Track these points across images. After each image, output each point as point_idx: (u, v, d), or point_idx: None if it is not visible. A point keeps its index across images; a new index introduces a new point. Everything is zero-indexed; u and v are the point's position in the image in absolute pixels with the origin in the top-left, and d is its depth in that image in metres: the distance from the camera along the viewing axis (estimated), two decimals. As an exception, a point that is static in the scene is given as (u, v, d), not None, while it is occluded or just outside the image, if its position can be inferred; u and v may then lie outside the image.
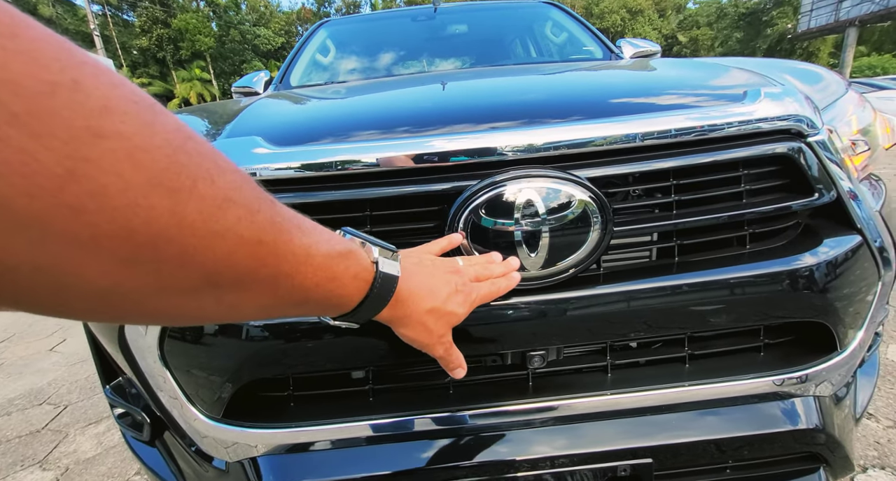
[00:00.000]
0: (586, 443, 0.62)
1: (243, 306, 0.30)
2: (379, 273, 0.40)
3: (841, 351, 0.64)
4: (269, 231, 0.28)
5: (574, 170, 0.56)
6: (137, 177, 0.20)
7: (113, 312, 0.26)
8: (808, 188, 0.60)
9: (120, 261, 0.22)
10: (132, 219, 0.21)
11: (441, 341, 0.49)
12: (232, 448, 0.65)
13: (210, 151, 0.25)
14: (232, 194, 0.25)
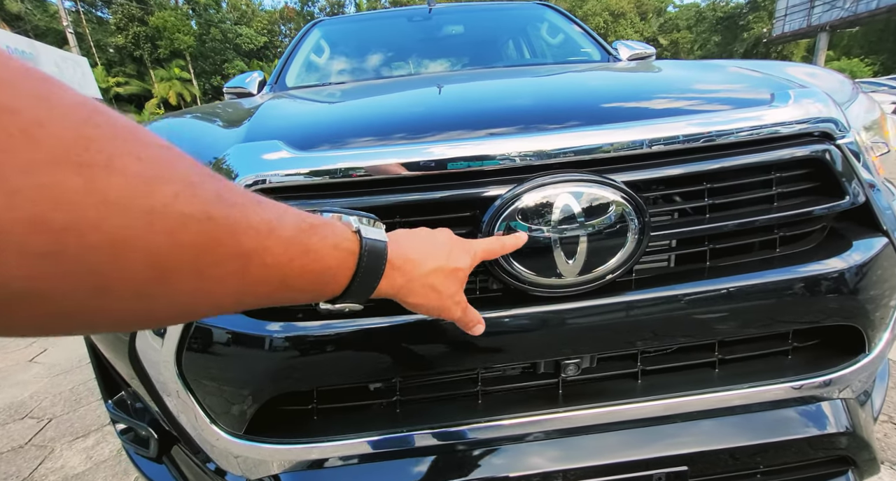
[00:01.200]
0: (620, 453, 0.61)
1: (214, 294, 0.28)
2: (364, 240, 0.37)
3: (869, 352, 0.64)
4: (216, 205, 0.26)
5: (609, 174, 0.55)
6: (36, 154, 0.18)
7: (47, 322, 0.22)
8: (840, 190, 0.60)
9: (37, 255, 0.19)
10: (39, 202, 0.18)
11: (455, 300, 0.46)
12: (253, 465, 0.62)
13: (126, 125, 0.23)
14: (162, 169, 0.23)
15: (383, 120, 0.72)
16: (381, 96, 0.97)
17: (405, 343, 0.57)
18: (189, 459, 0.72)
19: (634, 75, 0.98)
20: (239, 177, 0.57)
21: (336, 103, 0.97)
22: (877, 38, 33.53)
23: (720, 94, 0.70)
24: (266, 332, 0.56)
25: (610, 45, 2.01)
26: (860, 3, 25.33)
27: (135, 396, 0.81)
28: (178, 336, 0.58)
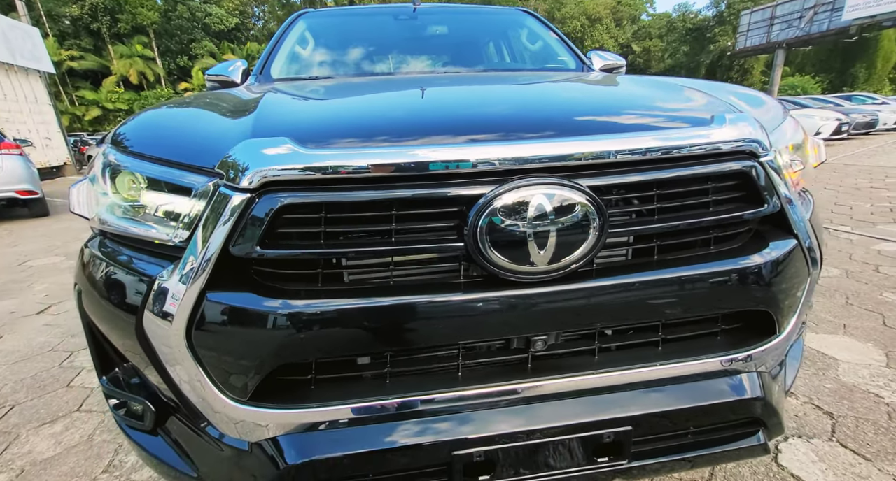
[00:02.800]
0: (577, 416, 0.71)
1: None
2: None
3: (779, 334, 0.78)
4: None
5: (577, 179, 0.65)
6: None
7: None
8: (761, 199, 0.72)
9: None
10: None
11: None
12: (253, 429, 0.68)
13: None
14: None
15: (382, 122, 0.79)
16: (377, 97, 1.04)
17: (395, 320, 0.65)
18: (186, 428, 0.78)
19: (603, 90, 1.10)
20: (249, 170, 0.63)
21: (334, 102, 1.02)
22: (826, 58, 36.00)
23: (671, 113, 0.81)
24: (271, 309, 0.63)
25: (585, 54, 2.14)
26: (813, 23, 27.10)
27: (131, 372, 0.86)
28: (189, 313, 0.64)
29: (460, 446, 0.68)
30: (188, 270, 0.65)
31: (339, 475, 0.68)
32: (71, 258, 4.17)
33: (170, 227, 0.72)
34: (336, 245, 0.65)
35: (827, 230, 3.92)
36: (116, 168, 0.82)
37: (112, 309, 0.75)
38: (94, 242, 0.86)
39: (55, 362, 2.19)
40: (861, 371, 1.82)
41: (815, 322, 2.25)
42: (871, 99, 16.52)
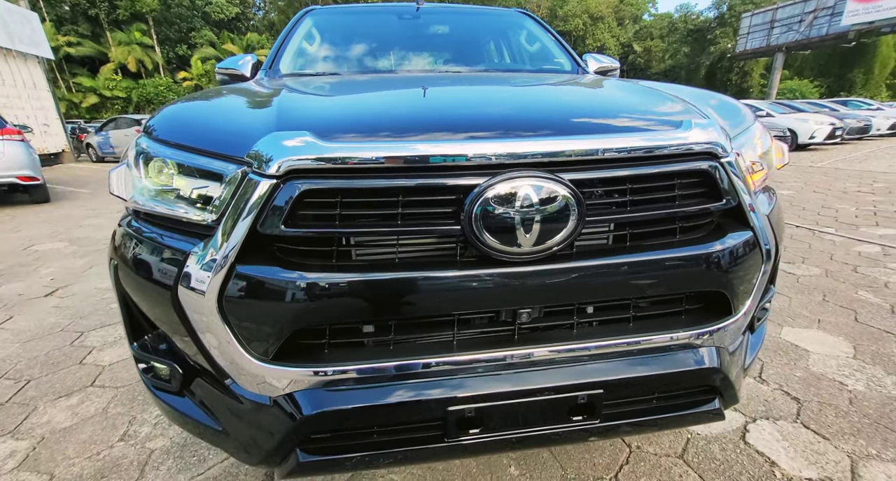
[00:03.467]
0: (556, 380, 0.82)
1: None
2: None
3: (734, 315, 0.89)
4: None
5: (559, 173, 0.75)
6: None
7: None
8: (720, 195, 0.83)
9: None
10: None
11: None
12: (274, 386, 0.79)
13: None
14: None
15: (390, 119, 0.89)
16: (385, 95, 1.13)
17: (399, 292, 0.75)
18: (211, 387, 0.88)
19: (589, 93, 1.20)
20: (275, 159, 0.73)
21: (346, 98, 1.12)
22: (825, 62, 36.20)
23: (646, 117, 0.92)
24: (292, 280, 0.73)
25: (582, 56, 2.24)
26: (813, 28, 27.24)
27: (160, 339, 0.95)
28: (220, 283, 0.74)
29: (454, 403, 0.78)
30: (220, 246, 0.75)
31: (347, 425, 0.79)
32: (74, 244, 4.24)
33: (201, 208, 0.82)
34: (349, 225, 0.75)
35: (811, 231, 4.05)
36: (149, 155, 0.91)
37: (148, 281, 0.85)
38: (129, 221, 0.95)
39: (66, 341, 2.28)
40: (829, 362, 1.94)
41: (791, 317, 2.37)
42: (866, 104, 16.70)
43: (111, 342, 2.27)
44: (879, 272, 2.99)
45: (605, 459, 1.44)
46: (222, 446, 0.91)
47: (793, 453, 1.43)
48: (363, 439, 0.82)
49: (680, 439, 1.51)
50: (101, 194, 7.55)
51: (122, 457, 1.47)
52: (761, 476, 1.34)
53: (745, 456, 1.42)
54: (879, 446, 1.44)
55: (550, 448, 1.48)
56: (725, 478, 1.34)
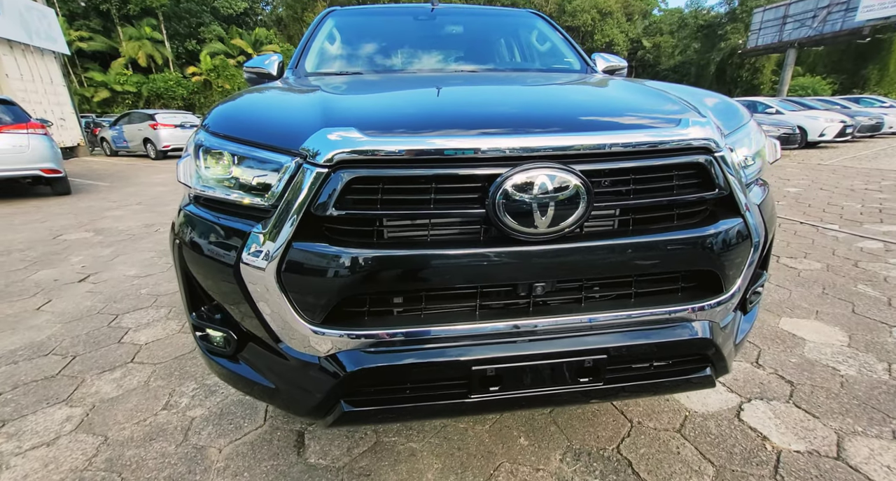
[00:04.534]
0: (566, 346, 0.94)
1: None
2: None
3: (725, 293, 1.00)
4: None
5: (571, 165, 0.87)
6: None
7: None
8: (713, 185, 0.94)
9: None
10: None
11: None
12: (321, 347, 0.91)
13: None
14: None
15: (423, 116, 1.01)
16: (416, 93, 1.25)
17: (430, 267, 0.87)
18: (264, 351, 1.01)
19: (598, 93, 1.31)
20: (327, 151, 0.85)
21: (382, 96, 1.24)
22: (838, 59, 35.59)
23: (649, 115, 1.03)
24: (341, 254, 0.85)
25: (590, 55, 2.33)
26: (826, 23, 26.81)
27: (217, 309, 1.09)
28: (279, 257, 0.87)
29: (477, 364, 0.91)
30: (279, 226, 0.87)
31: (385, 381, 0.91)
32: (100, 234, 4.42)
33: (258, 194, 0.94)
34: (389, 208, 0.87)
35: (815, 228, 4.12)
36: (208, 148, 1.04)
37: (211, 258, 0.98)
38: (191, 206, 1.08)
39: (104, 323, 2.44)
40: (824, 349, 2.04)
41: (789, 308, 2.47)
42: (878, 102, 16.48)
43: (145, 324, 2.42)
44: (880, 267, 3.06)
45: (608, 432, 1.56)
46: (273, 401, 1.04)
47: (784, 429, 1.54)
48: (399, 394, 0.94)
49: (678, 415, 1.63)
50: (119, 187, 7.76)
51: (166, 424, 1.62)
52: (753, 448, 1.45)
53: (738, 432, 1.53)
54: (865, 424, 1.55)
55: (557, 417, 1.60)
56: (720, 450, 1.45)
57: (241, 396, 1.77)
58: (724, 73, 40.20)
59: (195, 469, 1.40)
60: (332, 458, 1.45)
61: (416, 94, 1.21)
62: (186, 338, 2.26)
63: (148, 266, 3.42)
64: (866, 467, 1.35)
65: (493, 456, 1.46)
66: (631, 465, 1.40)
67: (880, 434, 1.49)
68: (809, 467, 1.36)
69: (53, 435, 1.56)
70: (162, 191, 7.30)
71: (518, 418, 1.63)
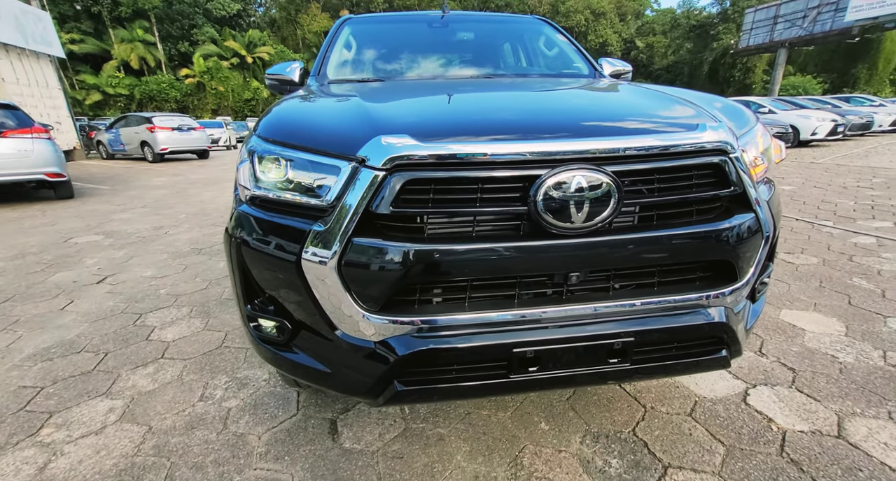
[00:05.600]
0: (599, 330, 1.04)
1: None
2: None
3: (739, 281, 1.10)
4: None
5: (603, 166, 0.96)
6: None
7: None
8: (728, 184, 1.04)
9: None
10: None
11: None
12: (376, 332, 1.00)
13: None
14: None
15: (466, 123, 1.11)
16: (450, 100, 1.33)
17: (477, 259, 0.96)
18: (319, 338, 1.09)
19: (621, 99, 1.42)
20: (384, 156, 0.94)
21: (419, 103, 1.34)
22: (829, 58, 36.11)
23: (670, 120, 1.13)
24: (397, 248, 0.94)
25: (597, 60, 2.44)
26: (817, 23, 27.21)
27: (270, 301, 1.17)
28: (340, 252, 0.96)
29: (518, 347, 1.00)
30: (339, 223, 0.96)
31: (434, 362, 1.00)
32: (110, 237, 4.48)
33: (316, 195, 1.03)
34: (440, 206, 0.96)
35: (810, 224, 4.25)
36: (262, 154, 1.13)
37: (272, 254, 1.07)
38: (246, 207, 1.17)
39: (129, 321, 2.51)
40: (823, 339, 2.16)
41: (789, 301, 2.59)
42: (868, 100, 16.80)
43: (169, 322, 2.50)
44: (873, 261, 3.19)
45: (624, 417, 1.66)
46: (327, 383, 1.13)
47: (787, 412, 1.64)
48: (446, 375, 1.03)
49: (688, 401, 1.73)
50: (121, 190, 7.79)
51: (205, 414, 1.70)
52: (759, 429, 1.56)
53: (745, 414, 1.64)
54: (864, 406, 1.66)
55: (575, 404, 1.70)
56: (729, 431, 1.56)
57: (273, 387, 1.86)
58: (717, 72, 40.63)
59: (238, 453, 1.49)
60: (366, 443, 1.54)
61: (452, 101, 1.31)
62: (212, 335, 2.34)
63: (163, 267, 3.49)
64: (865, 444, 1.46)
65: (517, 440, 1.55)
66: (647, 446, 1.50)
67: (877, 414, 1.61)
68: (813, 445, 1.47)
69: (100, 424, 1.64)
70: (164, 194, 7.34)
71: (537, 405, 1.73)
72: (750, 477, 1.34)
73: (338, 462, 1.45)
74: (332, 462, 1.45)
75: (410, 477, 1.39)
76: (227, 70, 42.05)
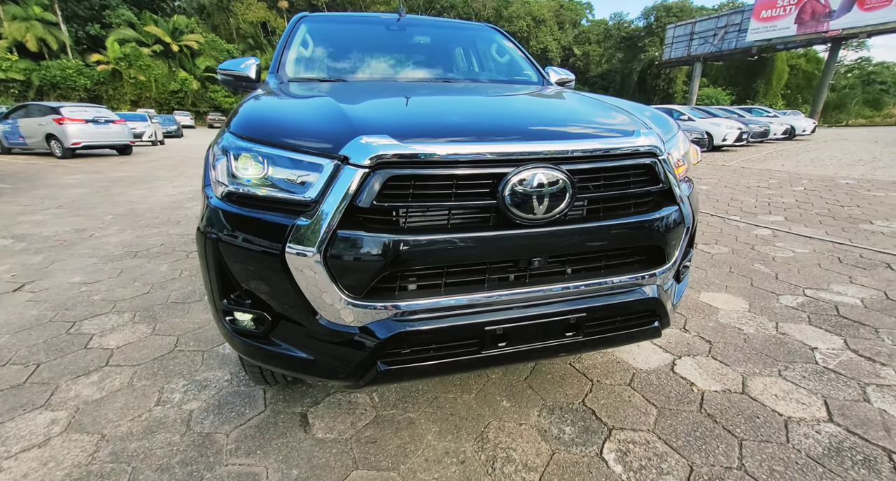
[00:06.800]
0: (555, 308, 1.19)
1: None
2: None
3: (667, 263, 1.31)
4: None
5: (560, 165, 1.11)
6: None
7: None
8: (658, 181, 1.24)
9: None
10: None
11: None
12: (361, 317, 1.08)
13: None
14: None
15: (440, 125, 1.20)
16: (422, 102, 1.42)
17: (451, 247, 1.07)
18: (301, 326, 1.14)
19: (574, 106, 1.60)
20: (368, 154, 1.02)
21: (391, 104, 1.41)
22: (735, 73, 40.81)
23: (612, 126, 1.31)
24: (380, 239, 1.02)
25: (544, 69, 2.64)
26: (724, 41, 30.61)
27: (247, 294, 1.19)
28: (326, 243, 1.02)
29: (490, 324, 1.12)
30: (323, 217, 1.02)
31: (413, 343, 1.10)
32: (22, 241, 4.00)
33: (298, 191, 1.08)
34: (418, 200, 1.05)
35: (722, 219, 4.87)
36: (238, 152, 1.14)
37: (253, 247, 1.09)
38: (220, 203, 1.17)
39: (61, 330, 2.30)
40: (732, 315, 2.53)
41: (706, 285, 2.98)
42: (766, 112, 19.28)
43: (110, 329, 2.33)
44: (769, 249, 3.76)
45: (575, 390, 1.86)
46: (310, 371, 1.17)
47: (706, 376, 1.94)
48: (424, 354, 1.13)
49: (628, 373, 1.97)
50: (26, 189, 6.92)
51: (164, 417, 1.64)
52: (684, 392, 1.83)
53: (672, 381, 1.91)
54: (761, 367, 2.00)
55: (532, 382, 1.87)
56: (660, 396, 1.80)
57: (236, 387, 1.83)
58: (645, 81, 44.25)
59: (206, 452, 1.47)
60: (339, 432, 1.59)
61: (424, 104, 1.40)
62: (162, 340, 2.22)
63: (93, 272, 3.21)
64: (761, 397, 1.78)
65: (482, 417, 1.68)
66: (594, 413, 1.70)
67: (771, 373, 1.94)
68: (723, 400, 1.75)
69: (42, 437, 1.52)
70: (83, 193, 6.63)
71: (499, 386, 1.87)
72: (676, 431, 1.58)
73: (312, 451, 1.49)
74: (306, 451, 1.49)
75: (385, 459, 1.46)
76: (149, 58, 38.31)
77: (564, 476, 1.39)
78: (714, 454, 1.47)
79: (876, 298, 2.72)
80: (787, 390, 1.81)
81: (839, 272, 3.19)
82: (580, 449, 1.51)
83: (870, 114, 40.22)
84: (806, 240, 4.03)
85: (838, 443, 1.51)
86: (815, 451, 1.47)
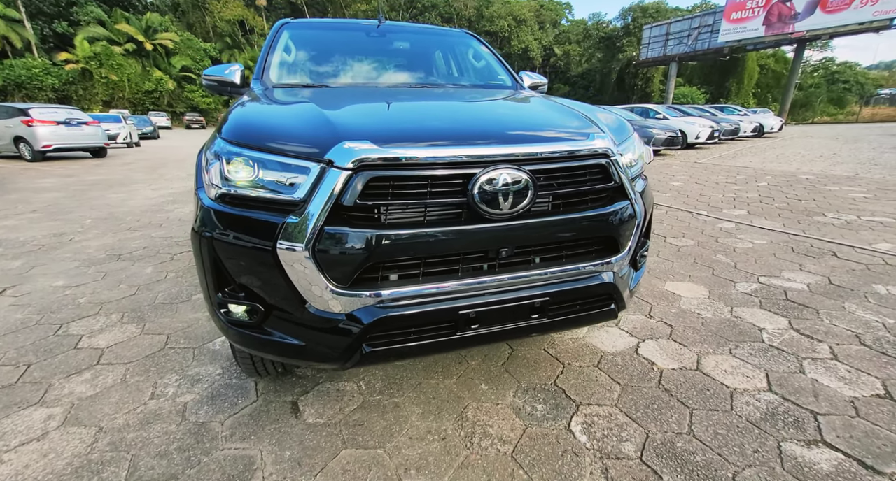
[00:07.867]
0: (522, 293, 1.33)
1: None
2: None
3: (621, 252, 1.47)
4: None
5: (522, 166, 1.25)
6: None
7: None
8: (611, 179, 1.39)
9: None
10: None
11: None
12: (348, 305, 1.20)
13: None
14: None
15: (416, 130, 1.33)
16: (399, 108, 1.55)
17: (427, 240, 1.20)
18: (293, 316, 1.25)
19: (537, 110, 1.75)
20: (351, 158, 1.13)
21: (371, 110, 1.53)
22: (708, 72, 42.05)
23: (570, 129, 1.46)
24: (364, 233, 1.14)
25: (518, 73, 2.79)
26: (698, 42, 31.55)
27: (241, 288, 1.30)
28: (314, 238, 1.13)
29: (463, 309, 1.26)
30: (312, 215, 1.14)
31: (394, 326, 1.22)
32: (-1, 244, 3.94)
33: (287, 192, 1.19)
34: (397, 199, 1.18)
35: (691, 214, 5.14)
36: (231, 156, 1.25)
37: (246, 244, 1.20)
38: (215, 204, 1.27)
39: (49, 332, 2.34)
40: (693, 301, 2.74)
41: (671, 274, 3.19)
42: (737, 110, 20.02)
43: (98, 330, 2.38)
44: (731, 241, 4.01)
45: (547, 373, 2.01)
46: (301, 356, 1.29)
47: (665, 356, 2.12)
48: (405, 337, 1.26)
49: (596, 356, 2.14)
50: (-1, 192, 6.73)
51: (159, 409, 1.73)
52: (645, 371, 2.00)
53: (636, 362, 2.08)
54: (714, 347, 2.19)
55: (509, 367, 2.02)
56: (623, 375, 1.98)
57: (228, 380, 1.92)
58: (623, 81, 45.13)
59: (203, 439, 1.57)
60: (328, 417, 1.70)
61: (402, 109, 1.52)
62: (152, 338, 2.29)
63: (76, 276, 3.22)
64: (713, 373, 1.96)
65: (462, 400, 1.82)
66: (564, 392, 1.86)
67: (723, 352, 2.14)
68: (679, 377, 1.94)
69: (40, 431, 1.59)
70: (58, 197, 6.51)
71: (478, 371, 2.01)
72: (637, 405, 1.75)
73: (303, 434, 1.60)
74: (297, 435, 1.60)
75: (372, 438, 1.58)
76: (121, 57, 37.18)
77: (535, 446, 1.54)
78: (668, 422, 1.64)
79: (820, 283, 2.98)
80: (735, 366, 2.01)
81: (791, 260, 3.45)
82: (550, 423, 1.66)
83: (834, 112, 42.07)
84: (765, 231, 4.31)
85: (774, 409, 1.70)
86: (754, 416, 1.66)
